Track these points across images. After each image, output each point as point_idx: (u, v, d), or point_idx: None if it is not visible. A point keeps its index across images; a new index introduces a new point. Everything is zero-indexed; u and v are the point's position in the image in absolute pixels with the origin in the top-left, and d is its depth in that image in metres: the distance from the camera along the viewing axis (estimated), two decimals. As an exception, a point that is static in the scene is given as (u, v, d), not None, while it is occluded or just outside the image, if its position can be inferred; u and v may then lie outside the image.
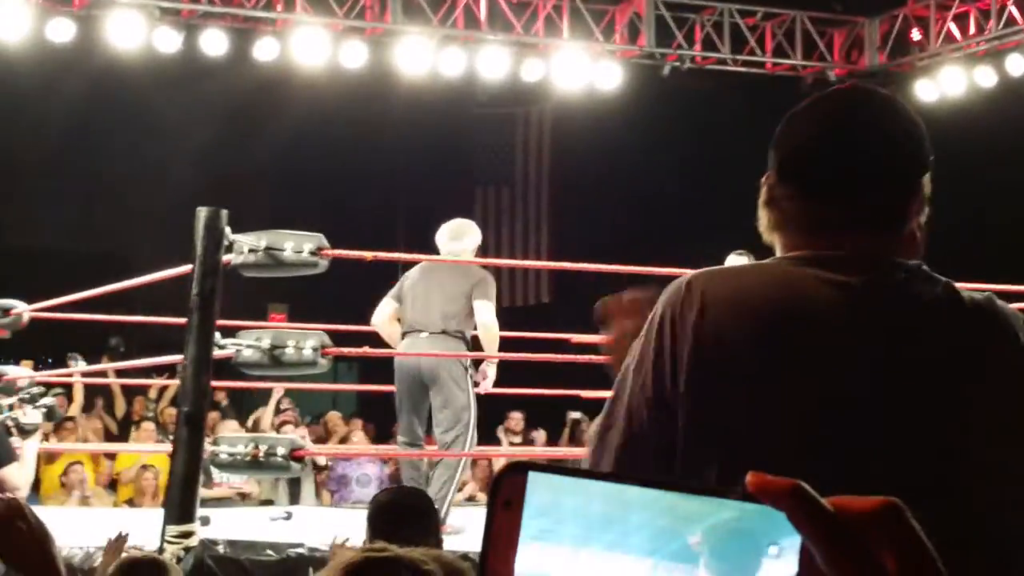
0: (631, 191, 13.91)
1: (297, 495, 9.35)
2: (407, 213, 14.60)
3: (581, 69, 11.60)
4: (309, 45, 10.81)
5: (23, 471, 5.25)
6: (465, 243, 6.69)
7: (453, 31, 11.23)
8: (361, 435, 10.35)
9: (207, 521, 5.56)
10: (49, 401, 5.92)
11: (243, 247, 5.44)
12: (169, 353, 6.17)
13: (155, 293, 7.25)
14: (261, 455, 5.36)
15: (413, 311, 6.48)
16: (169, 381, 9.31)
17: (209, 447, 5.39)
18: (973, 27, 11.88)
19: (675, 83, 11.98)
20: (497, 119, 15.08)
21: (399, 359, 6.50)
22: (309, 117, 12.37)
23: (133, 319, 9.04)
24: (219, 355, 5.42)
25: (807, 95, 1.82)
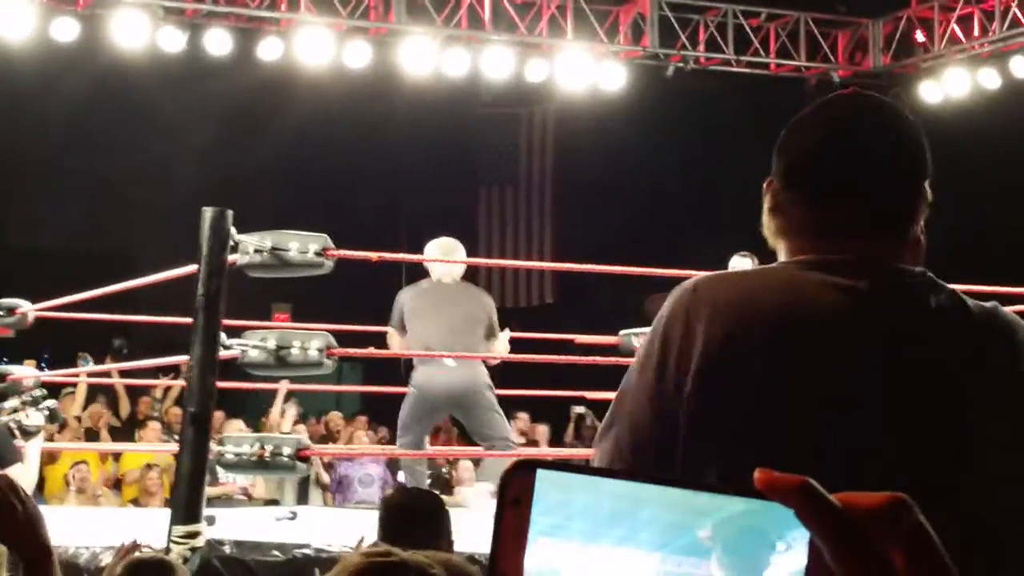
0: (635, 192, 13.90)
1: (305, 495, 9.35)
2: (410, 213, 14.60)
3: (585, 70, 11.60)
4: (313, 45, 10.82)
5: (26, 472, 5.27)
6: (457, 259, 6.99)
7: (457, 31, 11.24)
8: (362, 435, 10.35)
9: (212, 521, 5.56)
10: (52, 403, 5.93)
11: (248, 247, 5.43)
12: (174, 353, 6.17)
13: (160, 293, 7.24)
14: (267, 455, 5.35)
15: (433, 336, 6.70)
16: (175, 381, 9.31)
17: (215, 447, 5.39)
18: (977, 29, 11.87)
19: (679, 84, 11.98)
20: (501, 119, 15.07)
21: (424, 384, 6.73)
22: (313, 117, 12.38)
23: (138, 319, 9.02)
24: (224, 355, 5.42)
25: (811, 96, 1.83)
